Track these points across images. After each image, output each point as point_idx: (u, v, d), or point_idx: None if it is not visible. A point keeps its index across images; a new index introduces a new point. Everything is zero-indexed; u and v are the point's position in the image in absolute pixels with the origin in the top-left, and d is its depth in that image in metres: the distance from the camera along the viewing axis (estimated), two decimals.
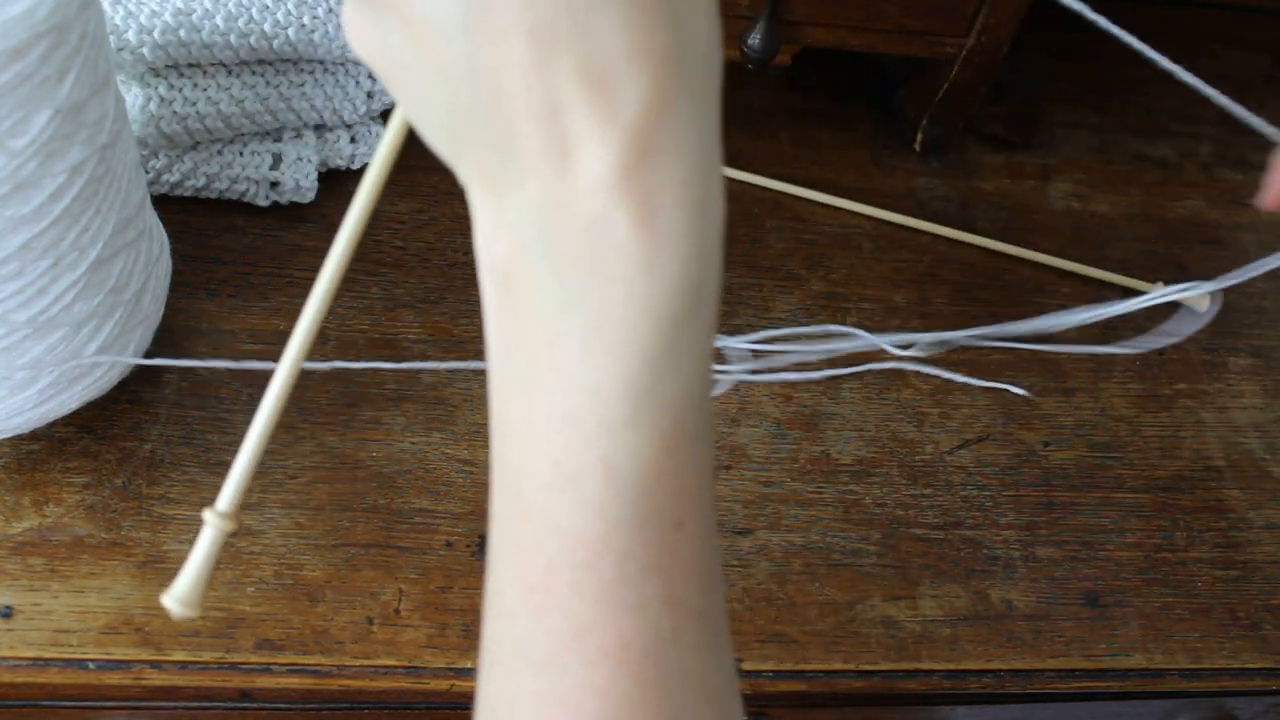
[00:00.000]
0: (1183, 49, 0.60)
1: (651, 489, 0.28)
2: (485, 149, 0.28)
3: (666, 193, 0.26)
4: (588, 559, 0.28)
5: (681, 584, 0.28)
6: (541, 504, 0.28)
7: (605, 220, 0.26)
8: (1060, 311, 0.66)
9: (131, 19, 0.58)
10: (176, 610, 0.37)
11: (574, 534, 0.28)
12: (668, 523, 0.28)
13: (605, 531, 0.28)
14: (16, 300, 0.47)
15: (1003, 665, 0.58)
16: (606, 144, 0.26)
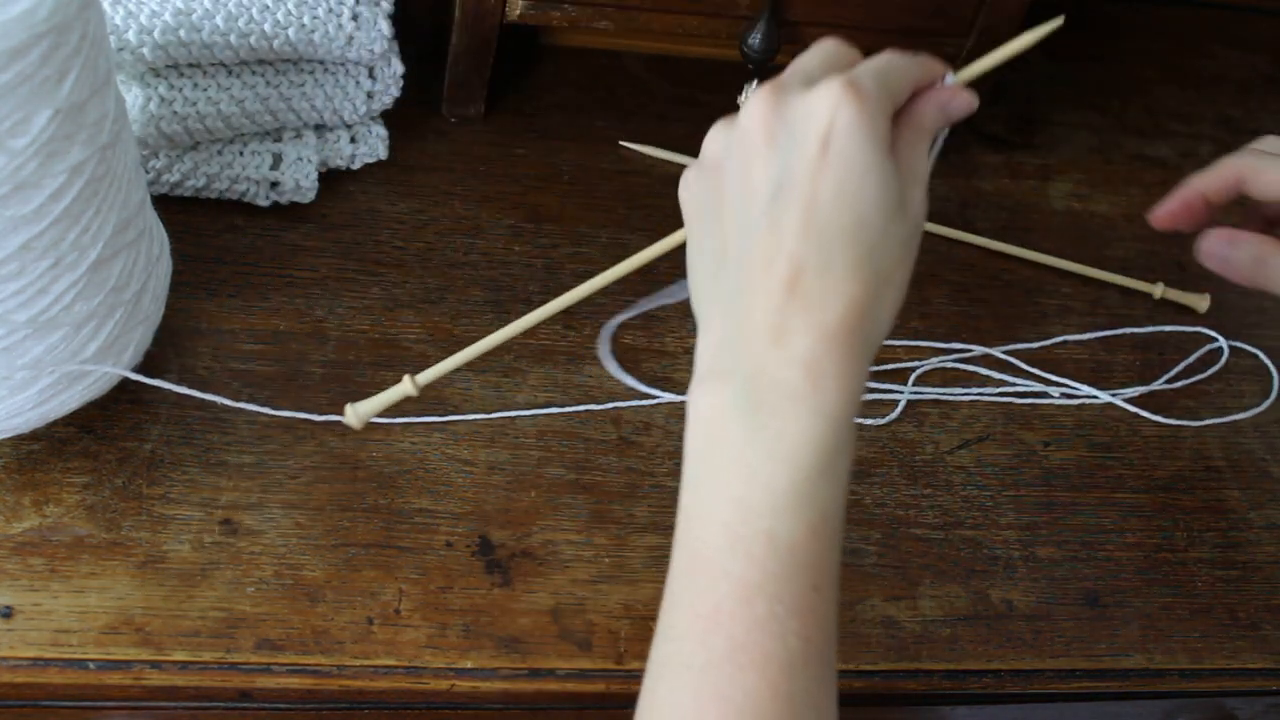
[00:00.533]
0: (1183, 49, 0.60)
1: (798, 557, 0.39)
2: (727, 315, 0.41)
3: (836, 375, 0.39)
4: (748, 597, 0.39)
5: (812, 629, 0.39)
6: (716, 559, 0.40)
7: (792, 380, 0.39)
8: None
9: (131, 19, 0.58)
10: (352, 419, 0.54)
11: (739, 579, 0.39)
12: (807, 584, 0.39)
13: (762, 581, 0.39)
14: (17, 300, 0.47)
15: (1003, 665, 0.58)
16: (809, 336, 0.39)
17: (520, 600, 0.56)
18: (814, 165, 0.39)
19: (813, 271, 0.39)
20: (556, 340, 0.65)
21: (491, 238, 0.68)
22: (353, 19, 0.62)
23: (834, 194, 0.39)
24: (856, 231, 0.39)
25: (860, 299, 0.39)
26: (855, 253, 0.39)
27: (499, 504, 0.58)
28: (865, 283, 0.39)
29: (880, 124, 0.40)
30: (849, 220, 0.39)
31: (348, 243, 0.66)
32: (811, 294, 0.39)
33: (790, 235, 0.39)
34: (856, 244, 0.39)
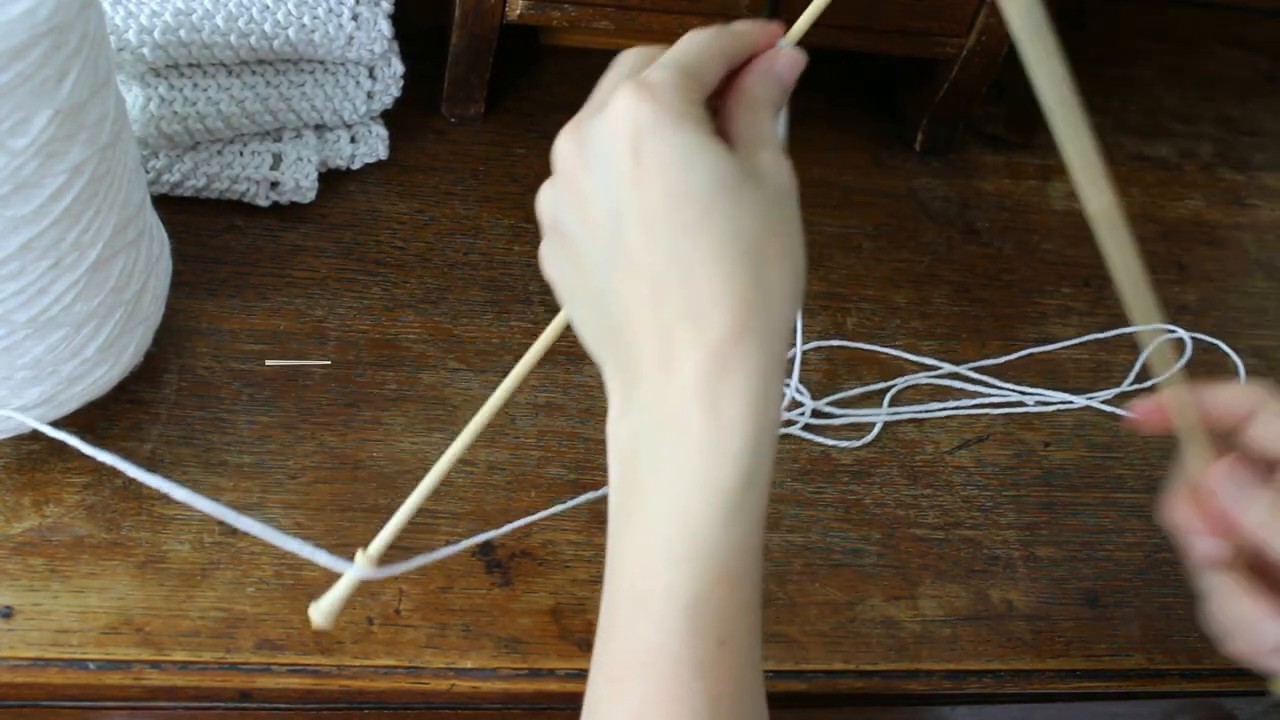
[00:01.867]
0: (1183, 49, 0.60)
1: (701, 613, 0.37)
2: (620, 355, 0.39)
3: (735, 399, 0.36)
4: (650, 659, 0.37)
5: (722, 685, 0.37)
6: (623, 614, 0.38)
7: (685, 414, 0.36)
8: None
9: (132, 19, 0.58)
10: (317, 620, 0.46)
11: (642, 639, 0.37)
12: (713, 639, 0.37)
13: (664, 640, 0.37)
14: (17, 300, 0.47)
15: (1003, 665, 0.58)
16: (694, 358, 0.36)
17: (520, 600, 0.56)
18: (632, 176, 0.37)
19: (675, 280, 0.36)
20: (557, 340, 0.65)
21: (491, 238, 0.68)
22: (353, 19, 0.62)
23: (663, 195, 0.36)
24: (704, 220, 0.36)
25: (739, 291, 0.36)
26: (711, 241, 0.36)
27: (499, 504, 0.58)
28: (737, 269, 0.36)
29: (684, 108, 0.37)
30: (692, 214, 0.36)
31: (348, 243, 0.66)
32: (682, 305, 0.36)
33: (639, 254, 0.37)
34: (709, 232, 0.36)
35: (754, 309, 0.36)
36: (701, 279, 0.36)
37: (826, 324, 0.68)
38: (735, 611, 0.37)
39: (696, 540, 0.36)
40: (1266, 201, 0.83)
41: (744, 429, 0.36)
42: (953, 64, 0.72)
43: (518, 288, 0.66)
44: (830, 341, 0.68)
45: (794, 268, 0.38)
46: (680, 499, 0.37)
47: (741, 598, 0.37)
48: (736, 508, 0.37)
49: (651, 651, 0.37)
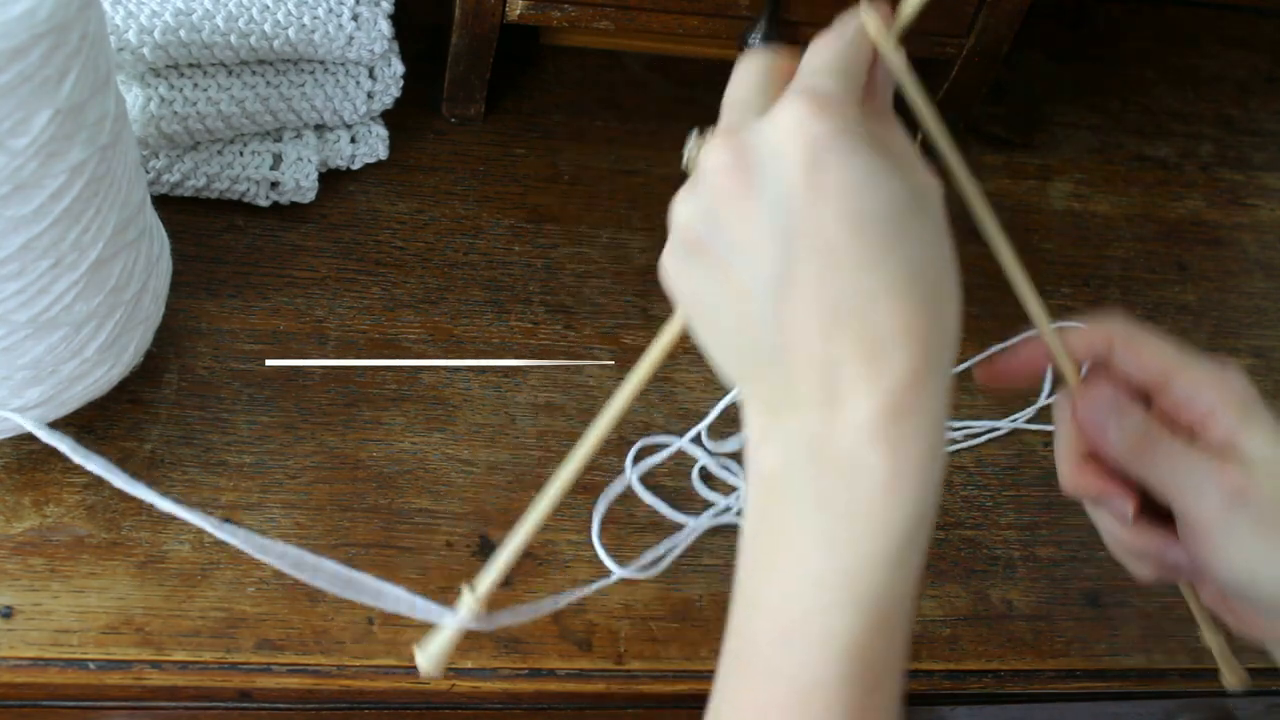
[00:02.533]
0: (1183, 49, 0.60)
1: (855, 658, 0.34)
2: (768, 381, 0.36)
3: (912, 443, 0.34)
4: (796, 704, 0.35)
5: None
6: (767, 655, 0.36)
7: (861, 455, 0.34)
8: None
9: (132, 19, 0.58)
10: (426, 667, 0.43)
11: (788, 682, 0.35)
12: (866, 686, 0.35)
13: (814, 685, 0.35)
14: (17, 300, 0.47)
15: (1003, 665, 0.58)
16: (872, 398, 0.34)
17: (520, 600, 0.56)
18: (809, 197, 0.34)
19: (852, 312, 0.34)
20: (556, 340, 0.65)
21: (491, 238, 0.68)
22: (353, 19, 0.62)
23: (845, 219, 0.34)
24: (888, 250, 0.34)
25: (922, 329, 0.34)
26: (894, 273, 0.34)
27: (499, 504, 0.58)
28: (921, 306, 0.34)
29: (860, 124, 0.35)
30: (876, 241, 0.34)
31: (348, 243, 0.66)
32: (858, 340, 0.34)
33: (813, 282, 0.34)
34: (892, 263, 0.34)
35: (934, 350, 0.34)
36: (883, 314, 0.34)
37: None
38: (890, 659, 0.35)
39: (861, 584, 0.34)
40: (1266, 201, 0.83)
41: (920, 474, 0.34)
42: (953, 64, 0.72)
43: (518, 288, 0.66)
44: None
45: (959, 298, 0.36)
46: (845, 541, 0.35)
47: (897, 645, 0.36)
48: (905, 553, 0.35)
49: (804, 693, 0.35)
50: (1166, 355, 0.43)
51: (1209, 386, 0.42)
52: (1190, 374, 0.43)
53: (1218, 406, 0.42)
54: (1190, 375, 0.43)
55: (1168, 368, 0.43)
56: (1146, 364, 0.43)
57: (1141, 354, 0.44)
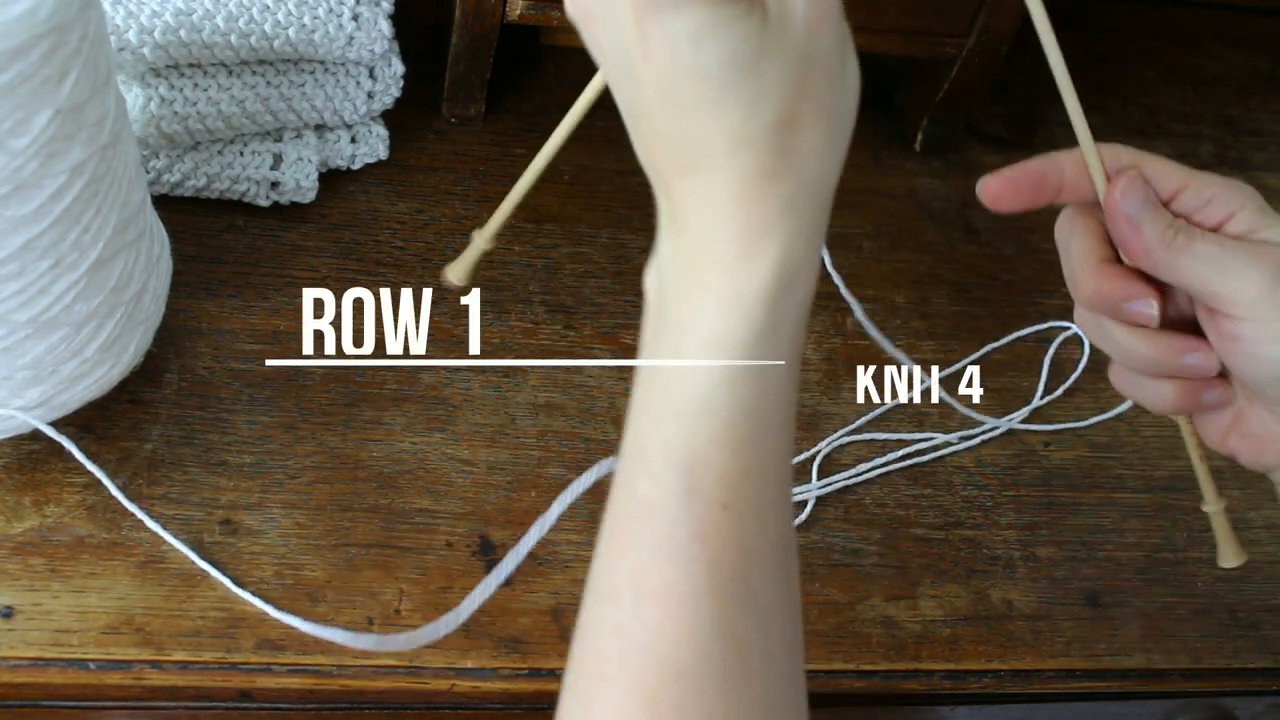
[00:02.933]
0: (1183, 49, 0.60)
1: (699, 472, 0.34)
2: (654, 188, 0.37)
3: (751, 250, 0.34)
4: (648, 517, 0.35)
5: (719, 552, 0.34)
6: (625, 470, 0.36)
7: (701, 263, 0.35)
8: None
9: (132, 19, 0.58)
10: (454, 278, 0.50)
11: (641, 497, 0.35)
12: (713, 502, 0.34)
13: (662, 498, 0.35)
14: (17, 300, 0.47)
15: (1003, 665, 0.58)
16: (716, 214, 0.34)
17: (520, 600, 0.56)
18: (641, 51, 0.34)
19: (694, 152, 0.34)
20: (556, 340, 0.65)
21: None
22: (353, 19, 0.62)
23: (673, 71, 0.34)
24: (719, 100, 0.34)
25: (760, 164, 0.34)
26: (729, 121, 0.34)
27: (499, 504, 0.58)
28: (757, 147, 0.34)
29: None
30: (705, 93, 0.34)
31: (348, 243, 0.66)
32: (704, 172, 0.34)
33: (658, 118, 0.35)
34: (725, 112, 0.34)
35: (779, 177, 0.34)
36: (719, 153, 0.34)
37: (827, 324, 0.68)
38: (739, 477, 0.35)
39: (697, 396, 0.34)
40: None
41: (760, 284, 0.34)
42: (953, 64, 0.72)
43: (518, 288, 0.66)
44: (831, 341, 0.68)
45: (828, 119, 0.35)
46: (687, 352, 0.35)
47: (748, 463, 0.35)
48: (739, 369, 0.34)
49: (649, 510, 0.35)
50: (1177, 169, 0.44)
51: (1225, 191, 0.43)
52: (1205, 181, 0.43)
53: (1237, 208, 0.42)
54: (1205, 182, 0.43)
55: (1181, 178, 0.43)
56: (1159, 178, 0.43)
57: (1153, 169, 0.44)
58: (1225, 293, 0.41)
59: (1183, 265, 0.42)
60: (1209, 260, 0.41)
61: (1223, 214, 0.43)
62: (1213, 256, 0.41)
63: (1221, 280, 0.41)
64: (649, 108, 0.35)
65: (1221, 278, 0.41)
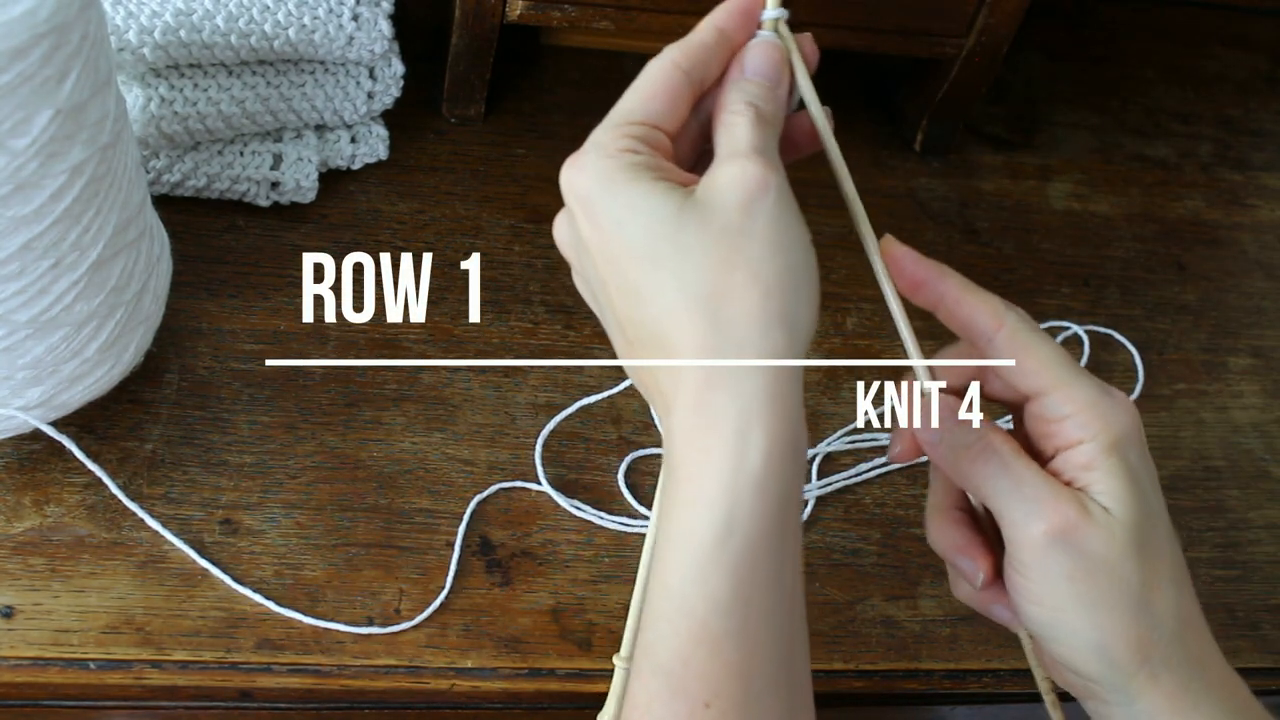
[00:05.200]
0: (1183, 49, 0.60)
1: (678, 673, 0.35)
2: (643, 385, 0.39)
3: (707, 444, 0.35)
4: (641, 717, 0.36)
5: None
6: (634, 665, 0.37)
7: (672, 465, 0.36)
8: None
9: (132, 20, 0.58)
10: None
11: (632, 699, 0.36)
12: (696, 701, 0.35)
13: (649, 700, 0.35)
14: (18, 300, 0.47)
15: (1003, 665, 0.58)
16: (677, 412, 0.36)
17: (520, 600, 0.56)
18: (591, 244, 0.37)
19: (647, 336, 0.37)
20: (556, 340, 0.65)
21: (491, 238, 0.68)
22: (353, 19, 0.62)
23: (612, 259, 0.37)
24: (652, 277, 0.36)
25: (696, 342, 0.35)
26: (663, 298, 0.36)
27: (499, 504, 0.58)
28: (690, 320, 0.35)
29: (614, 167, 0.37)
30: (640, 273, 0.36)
31: (348, 243, 0.66)
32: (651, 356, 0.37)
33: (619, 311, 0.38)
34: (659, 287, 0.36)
35: (717, 354, 0.35)
36: (667, 334, 0.36)
37: (826, 324, 0.68)
38: (723, 674, 0.35)
39: (671, 597, 0.35)
40: (1266, 201, 0.83)
41: (717, 476, 0.34)
42: (953, 64, 0.72)
43: (518, 288, 0.66)
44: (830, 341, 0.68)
45: (764, 291, 0.36)
46: (666, 553, 0.36)
47: (731, 659, 0.35)
48: (711, 561, 0.34)
49: (641, 709, 0.36)
50: (1053, 365, 0.40)
51: (1086, 413, 0.39)
52: (1069, 392, 0.39)
53: (1090, 436, 0.39)
54: (1068, 393, 0.39)
55: (1050, 380, 0.40)
56: (1029, 370, 0.40)
57: (1028, 358, 0.40)
58: (1007, 529, 0.39)
59: (979, 486, 0.40)
60: (1002, 490, 0.39)
61: (1075, 437, 0.39)
62: (1008, 488, 0.39)
63: (1006, 516, 0.39)
64: (611, 302, 0.38)
65: (1007, 513, 0.39)
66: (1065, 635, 0.39)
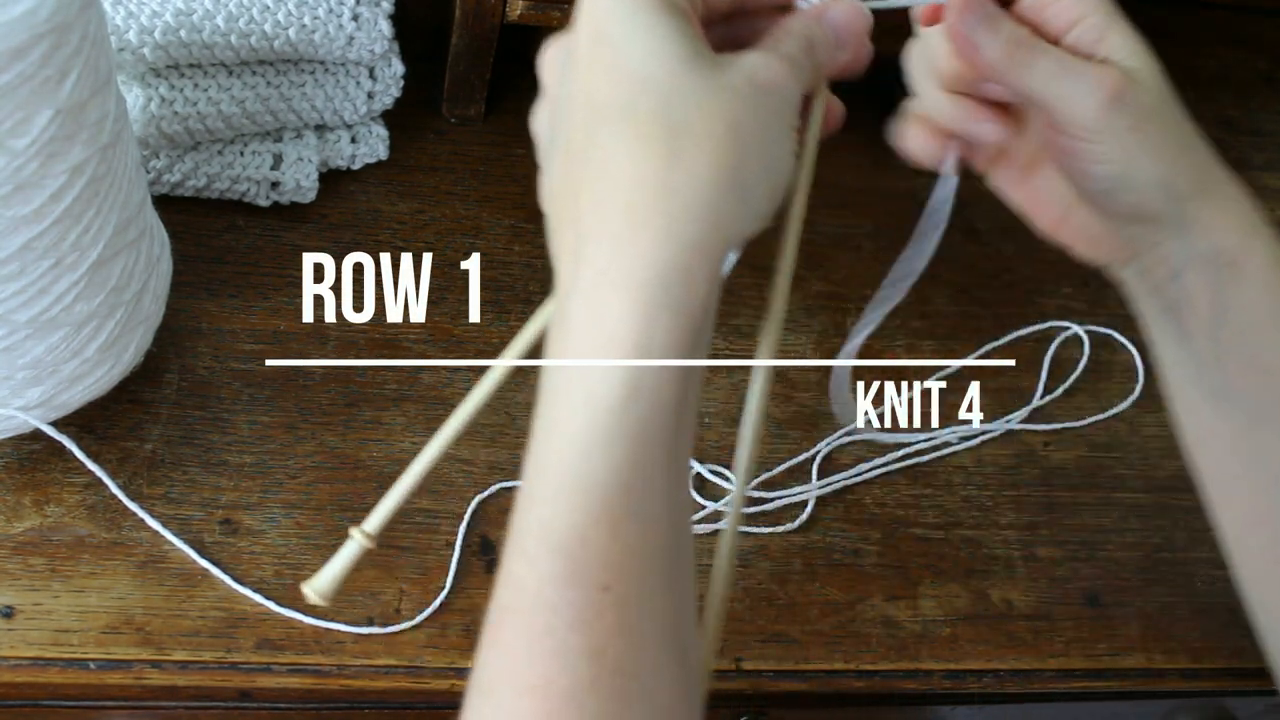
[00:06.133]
0: (1183, 49, 0.60)
1: (577, 554, 0.32)
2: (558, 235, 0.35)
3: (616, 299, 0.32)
4: (525, 606, 0.32)
5: (603, 640, 0.31)
6: (509, 553, 0.33)
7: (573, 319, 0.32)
8: None
9: (132, 19, 0.58)
10: (313, 598, 0.41)
11: (519, 583, 0.32)
12: (593, 585, 0.32)
13: (538, 585, 0.32)
14: (18, 300, 0.47)
15: (1003, 665, 0.58)
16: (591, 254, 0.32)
17: None
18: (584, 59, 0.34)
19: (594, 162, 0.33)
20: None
21: (491, 238, 0.68)
22: (353, 19, 0.62)
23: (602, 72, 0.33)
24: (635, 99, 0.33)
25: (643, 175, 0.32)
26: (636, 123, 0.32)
27: (499, 504, 0.58)
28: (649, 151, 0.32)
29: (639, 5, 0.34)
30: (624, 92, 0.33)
31: (348, 243, 0.66)
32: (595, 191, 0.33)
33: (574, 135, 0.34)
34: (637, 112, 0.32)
35: (657, 195, 0.32)
36: (618, 161, 0.32)
37: (826, 324, 0.68)
38: (621, 554, 0.32)
39: (569, 469, 0.32)
40: (1266, 201, 0.82)
41: (625, 337, 0.31)
42: None
43: (518, 288, 0.66)
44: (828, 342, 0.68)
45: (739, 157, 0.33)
46: (559, 421, 0.32)
47: (631, 540, 0.32)
48: (616, 427, 0.32)
49: (527, 596, 0.32)
50: None
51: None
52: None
53: (1082, 14, 0.43)
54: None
55: None
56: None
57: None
58: (1063, 112, 0.42)
59: (1023, 81, 0.42)
60: (1049, 77, 0.42)
61: (1069, 18, 0.43)
62: (1054, 73, 0.42)
63: (1059, 98, 0.42)
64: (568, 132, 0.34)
65: (1059, 95, 0.42)
66: (1135, 181, 0.43)
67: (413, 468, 0.43)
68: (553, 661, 0.31)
